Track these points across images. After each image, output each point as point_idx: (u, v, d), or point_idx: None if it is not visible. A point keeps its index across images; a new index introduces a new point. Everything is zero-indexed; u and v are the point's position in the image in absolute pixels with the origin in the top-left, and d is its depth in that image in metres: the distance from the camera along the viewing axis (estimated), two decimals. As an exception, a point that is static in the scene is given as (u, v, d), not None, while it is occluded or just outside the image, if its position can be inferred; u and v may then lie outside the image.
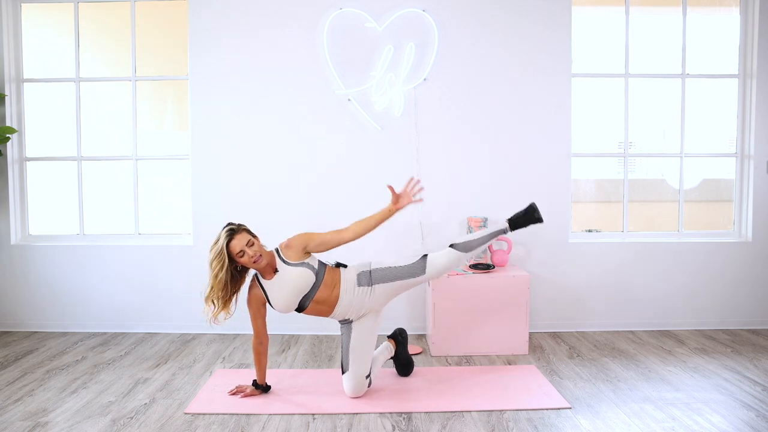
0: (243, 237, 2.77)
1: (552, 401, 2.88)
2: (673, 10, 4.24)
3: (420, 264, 2.96)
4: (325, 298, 2.90)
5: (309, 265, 2.87)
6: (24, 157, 4.24)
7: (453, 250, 2.99)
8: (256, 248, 2.78)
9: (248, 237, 2.78)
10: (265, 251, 2.83)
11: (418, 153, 4.08)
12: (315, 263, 2.91)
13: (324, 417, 2.76)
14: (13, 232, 4.21)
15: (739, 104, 4.22)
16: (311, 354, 3.71)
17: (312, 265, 2.88)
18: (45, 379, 3.26)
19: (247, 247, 2.76)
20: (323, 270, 2.91)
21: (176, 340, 3.98)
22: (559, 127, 4.10)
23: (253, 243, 2.79)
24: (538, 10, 4.04)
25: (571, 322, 4.14)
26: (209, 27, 4.04)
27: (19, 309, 4.21)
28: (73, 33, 4.20)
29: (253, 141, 4.08)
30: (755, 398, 2.93)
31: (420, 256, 2.98)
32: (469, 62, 4.05)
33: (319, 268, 2.91)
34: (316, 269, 2.88)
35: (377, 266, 2.98)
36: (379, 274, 2.95)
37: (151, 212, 4.30)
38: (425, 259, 2.97)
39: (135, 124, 4.21)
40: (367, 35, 4.02)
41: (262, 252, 2.80)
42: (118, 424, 2.68)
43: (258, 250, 2.78)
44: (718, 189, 4.37)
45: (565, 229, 4.14)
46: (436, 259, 2.97)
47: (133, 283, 4.15)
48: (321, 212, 4.07)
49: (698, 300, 4.17)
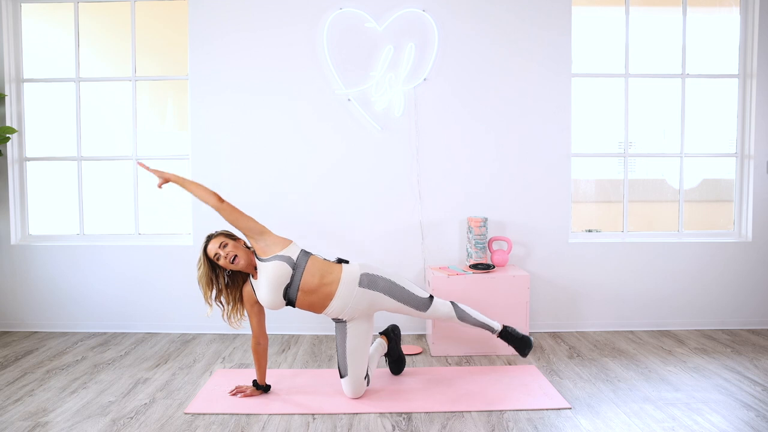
0: (217, 240, 2.88)
1: (552, 401, 2.88)
2: (673, 10, 4.25)
3: (427, 303, 3.06)
4: (315, 288, 2.86)
5: (283, 256, 2.84)
6: (24, 157, 4.25)
7: (452, 309, 3.12)
8: (229, 249, 2.85)
9: (222, 240, 2.88)
10: (242, 251, 2.87)
11: (418, 153, 4.08)
12: (293, 254, 2.87)
13: (324, 417, 2.76)
14: (13, 232, 4.21)
15: (739, 104, 4.23)
16: (311, 354, 3.71)
17: (286, 255, 2.85)
18: (45, 379, 3.26)
19: (221, 249, 2.85)
20: (305, 260, 2.88)
21: (176, 340, 3.98)
22: (559, 127, 4.10)
23: (227, 244, 2.86)
24: (538, 10, 4.04)
25: (571, 322, 4.15)
26: (209, 27, 4.04)
27: (19, 309, 4.21)
28: (73, 33, 4.20)
29: (252, 141, 4.08)
30: (755, 398, 2.93)
31: (428, 296, 3.08)
32: (469, 62, 4.05)
33: (299, 258, 2.87)
34: (295, 260, 2.85)
35: (383, 275, 2.98)
36: (386, 285, 2.95)
37: (151, 212, 4.30)
38: (432, 301, 3.08)
39: (135, 124, 4.22)
40: (367, 35, 4.02)
41: (237, 252, 2.85)
42: (118, 424, 2.68)
43: (231, 251, 2.84)
44: (718, 189, 4.37)
45: (565, 229, 4.14)
46: (439, 307, 3.09)
47: (133, 283, 4.16)
48: (321, 212, 4.07)
49: (698, 300, 4.17)
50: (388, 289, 2.95)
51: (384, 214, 4.10)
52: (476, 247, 3.91)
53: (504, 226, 4.10)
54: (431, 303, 3.06)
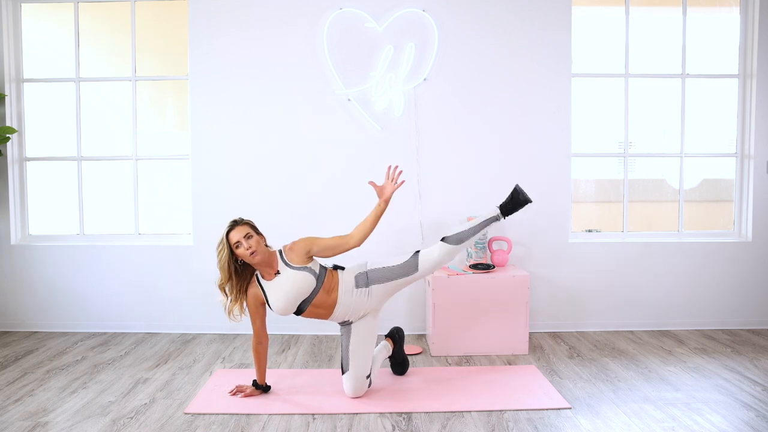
0: (243, 229, 2.81)
1: (552, 401, 2.88)
2: (673, 10, 4.24)
3: (412, 261, 2.95)
4: (323, 302, 2.90)
5: (311, 269, 2.87)
6: (24, 157, 4.25)
7: (445, 244, 2.96)
8: (252, 242, 2.79)
9: (248, 230, 2.81)
10: (263, 248, 2.83)
11: (418, 153, 4.08)
12: (317, 268, 2.91)
13: (324, 417, 2.76)
14: (13, 232, 4.21)
15: (739, 104, 4.22)
16: (311, 354, 3.71)
17: (314, 270, 2.88)
18: (45, 379, 3.26)
19: (244, 239, 2.78)
20: (324, 274, 2.91)
21: (176, 340, 3.98)
22: (559, 127, 4.10)
23: (252, 236, 2.80)
24: (538, 10, 4.04)
25: (571, 322, 4.15)
26: (209, 27, 4.04)
27: (19, 309, 4.21)
28: (73, 33, 4.20)
29: (252, 141, 4.08)
30: (755, 398, 2.93)
31: (412, 254, 2.98)
32: (469, 62, 4.05)
33: (320, 272, 2.91)
34: (317, 274, 2.88)
35: (373, 267, 2.99)
36: (374, 274, 2.96)
37: (151, 212, 4.30)
38: (417, 256, 2.97)
39: (135, 124, 4.21)
40: (367, 35, 4.02)
41: (259, 248, 2.80)
42: (118, 424, 2.68)
43: (254, 245, 2.78)
44: (718, 189, 4.37)
45: (565, 229, 4.14)
46: (429, 255, 2.96)
47: (133, 282, 4.16)
48: (321, 211, 4.07)
49: (698, 300, 4.17)
50: (379, 277, 2.94)
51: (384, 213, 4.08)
52: (476, 247, 3.91)
53: (504, 226, 4.10)
54: (417, 258, 2.95)
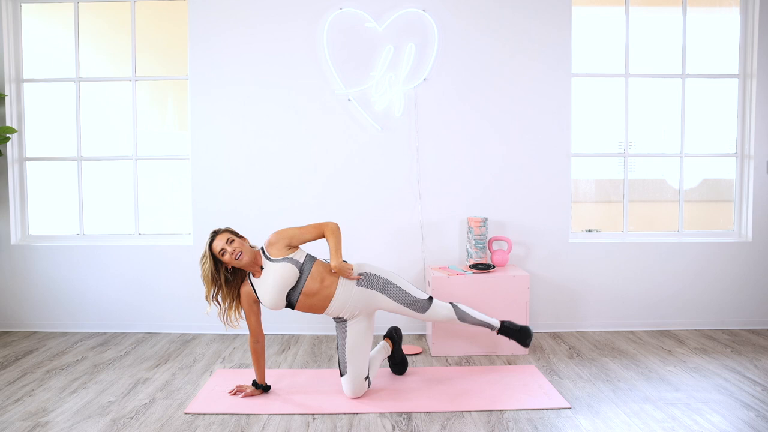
0: (223, 237, 2.87)
1: (552, 401, 2.88)
2: (673, 10, 4.24)
3: (425, 304, 3.06)
4: (315, 291, 2.90)
5: (292, 259, 2.89)
6: (24, 157, 4.25)
7: (452, 310, 3.13)
8: (235, 245, 2.84)
9: (228, 236, 2.87)
10: (247, 248, 2.87)
11: (418, 153, 4.08)
12: (300, 257, 2.92)
13: (324, 417, 2.76)
14: (13, 232, 4.21)
15: (739, 104, 4.22)
16: (311, 354, 3.71)
17: (296, 259, 2.90)
18: (45, 379, 3.26)
19: (227, 245, 2.84)
20: (311, 263, 2.92)
21: (176, 340, 3.98)
22: (559, 127, 4.10)
23: (233, 240, 2.86)
24: (538, 10, 4.04)
25: (571, 322, 4.15)
26: (209, 27, 4.04)
27: (19, 309, 4.21)
28: (73, 32, 4.20)
29: (252, 141, 4.08)
30: (755, 398, 2.93)
31: (427, 297, 3.08)
32: (469, 62, 4.05)
33: (306, 261, 2.92)
34: (301, 263, 2.90)
35: (381, 274, 3.01)
36: (383, 284, 2.98)
37: (151, 212, 4.30)
38: (431, 302, 3.07)
39: (135, 124, 4.21)
40: (367, 35, 4.02)
41: (243, 249, 2.84)
42: (118, 424, 2.68)
43: (238, 247, 2.83)
44: (718, 189, 4.37)
45: (565, 229, 4.14)
46: (438, 309, 3.09)
47: (133, 283, 4.16)
48: (321, 211, 4.07)
49: (698, 300, 4.17)
50: (386, 288, 2.98)
51: (384, 213, 4.10)
52: (476, 247, 3.91)
53: (504, 226, 4.10)
54: (430, 305, 3.06)
